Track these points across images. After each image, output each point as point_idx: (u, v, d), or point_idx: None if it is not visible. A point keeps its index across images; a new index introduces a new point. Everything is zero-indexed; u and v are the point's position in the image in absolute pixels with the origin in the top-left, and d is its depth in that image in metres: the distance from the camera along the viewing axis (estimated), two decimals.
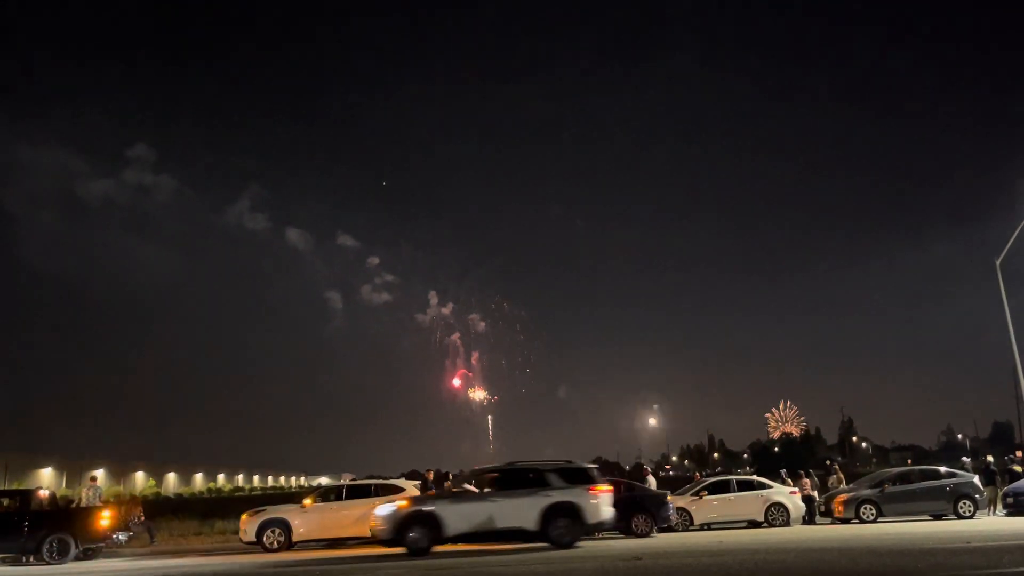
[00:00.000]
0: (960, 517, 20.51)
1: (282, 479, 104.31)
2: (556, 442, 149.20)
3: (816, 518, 22.49)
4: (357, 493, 19.22)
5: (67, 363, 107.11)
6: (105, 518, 17.56)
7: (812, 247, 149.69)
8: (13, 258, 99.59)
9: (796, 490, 21.96)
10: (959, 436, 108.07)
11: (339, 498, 19.08)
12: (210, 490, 74.52)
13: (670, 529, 19.57)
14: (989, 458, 33.31)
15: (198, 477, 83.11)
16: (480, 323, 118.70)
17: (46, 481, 56.27)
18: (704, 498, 21.29)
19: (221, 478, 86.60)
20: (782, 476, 23.77)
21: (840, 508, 21.09)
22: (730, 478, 23.79)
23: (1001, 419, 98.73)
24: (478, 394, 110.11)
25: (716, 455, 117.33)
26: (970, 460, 30.72)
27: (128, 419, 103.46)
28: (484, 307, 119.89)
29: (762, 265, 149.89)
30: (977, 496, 21.01)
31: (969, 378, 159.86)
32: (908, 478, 21.97)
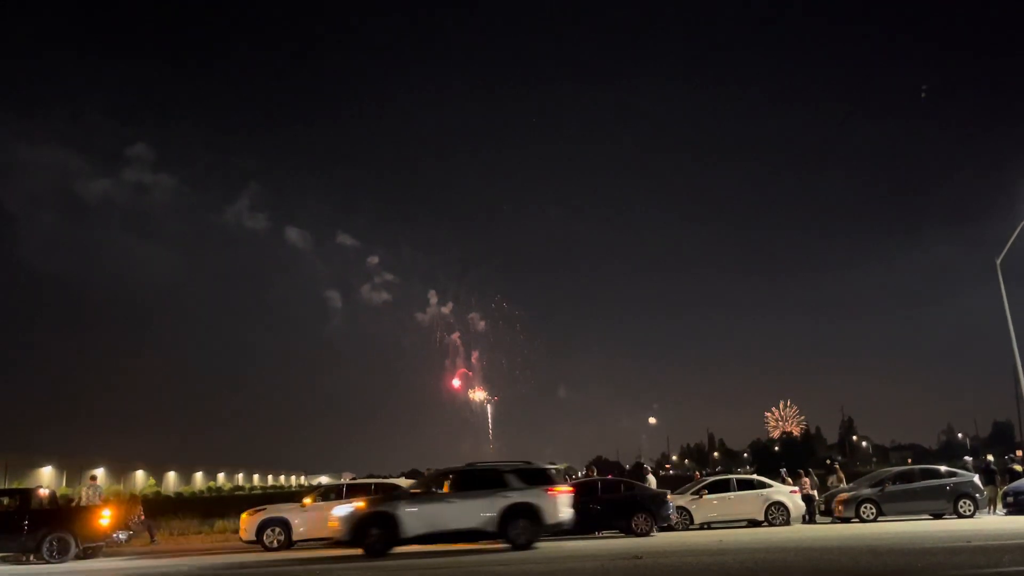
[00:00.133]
0: (960, 516, 20.52)
1: (282, 478, 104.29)
2: (556, 441, 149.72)
3: (816, 517, 22.51)
4: (357, 492, 19.22)
5: (67, 362, 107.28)
6: (105, 517, 17.56)
7: (812, 247, 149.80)
8: (12, 257, 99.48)
9: (796, 489, 21.95)
10: (959, 435, 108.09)
11: (339, 497, 19.10)
12: (210, 489, 74.48)
13: (670, 528, 19.56)
14: (989, 457, 33.36)
15: (198, 476, 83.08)
16: (480, 322, 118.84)
17: (46, 480, 56.20)
18: (704, 497, 21.29)
19: (221, 477, 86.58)
20: (782, 475, 23.78)
21: (840, 507, 21.11)
22: (730, 477, 23.81)
23: (1001, 418, 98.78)
24: (478, 394, 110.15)
25: (716, 454, 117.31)
26: (972, 459, 30.70)
27: (128, 418, 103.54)
28: (484, 307, 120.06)
29: (762, 265, 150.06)
30: (977, 495, 21.02)
31: (969, 377, 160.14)
32: (908, 477, 21.96)
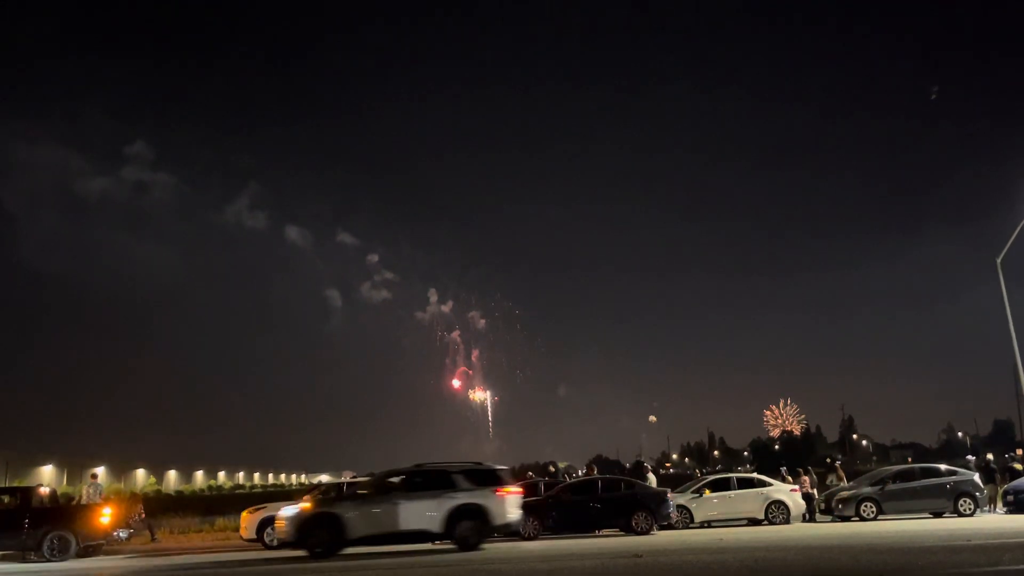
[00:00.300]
0: (960, 515, 20.52)
1: (283, 477, 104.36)
2: (556, 440, 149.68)
3: (816, 516, 22.52)
4: None
5: (67, 361, 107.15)
6: (106, 515, 17.59)
7: (812, 246, 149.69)
8: (12, 256, 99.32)
9: (797, 488, 21.97)
10: (960, 434, 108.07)
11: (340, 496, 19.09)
12: (210, 487, 74.55)
13: (670, 527, 19.57)
14: (989, 456, 33.41)
15: (199, 475, 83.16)
16: (480, 321, 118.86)
17: (47, 479, 56.20)
18: (704, 496, 21.28)
19: (222, 475, 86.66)
20: (782, 474, 23.79)
21: (840, 506, 21.12)
22: (730, 476, 23.82)
23: (1002, 417, 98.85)
24: (478, 394, 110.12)
25: (716, 453, 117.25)
26: (975, 459, 30.72)
27: (129, 417, 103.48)
28: (484, 305, 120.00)
29: (763, 264, 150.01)
30: (977, 494, 21.02)
31: (970, 376, 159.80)
32: (908, 476, 21.95)
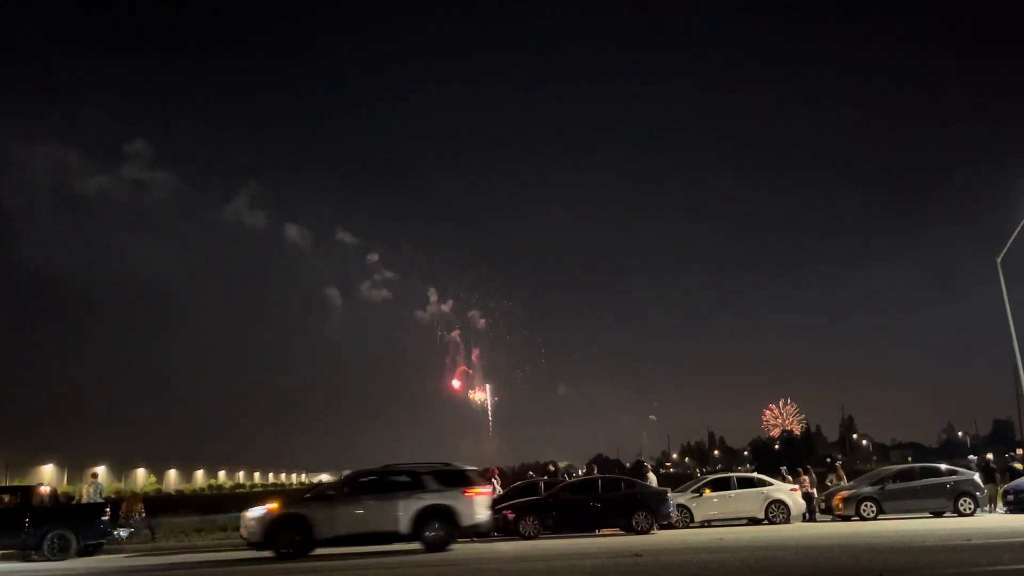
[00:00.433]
0: (961, 515, 20.51)
1: (283, 476, 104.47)
2: (556, 439, 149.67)
3: (816, 515, 22.53)
4: None
5: (67, 359, 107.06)
6: (106, 514, 17.61)
7: (813, 246, 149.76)
8: (11, 255, 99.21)
9: (797, 487, 21.97)
10: (960, 434, 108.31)
11: None
12: (211, 487, 74.69)
13: (670, 526, 19.56)
14: (989, 456, 33.44)
15: (199, 474, 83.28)
16: (480, 320, 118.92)
17: (47, 478, 56.29)
18: (705, 495, 21.28)
19: (222, 475, 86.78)
20: (782, 473, 23.79)
21: (841, 505, 21.11)
22: (731, 475, 23.79)
23: (1002, 417, 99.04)
24: (478, 395, 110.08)
25: (716, 452, 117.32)
26: (977, 458, 30.71)
27: (129, 416, 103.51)
28: (484, 304, 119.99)
29: (763, 264, 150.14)
30: (978, 494, 21.01)
31: (970, 376, 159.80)
32: (908, 476, 21.93)
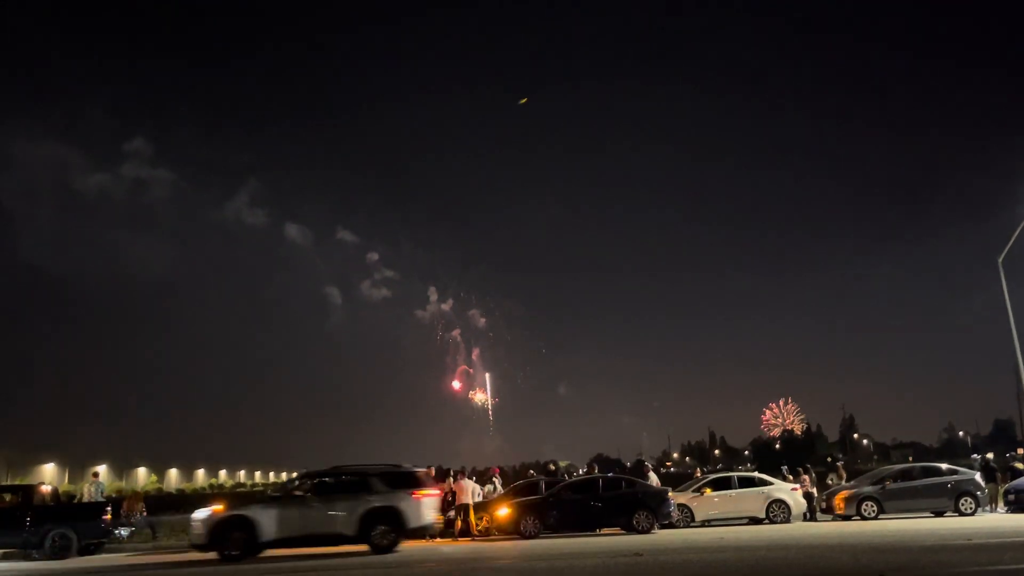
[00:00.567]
0: (961, 514, 20.49)
1: (284, 475, 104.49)
2: (557, 438, 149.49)
3: (816, 515, 22.52)
4: None
5: (67, 358, 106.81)
6: (107, 513, 17.63)
7: (815, 246, 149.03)
8: (10, 253, 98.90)
9: (798, 487, 21.97)
10: (960, 434, 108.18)
11: None
12: (212, 486, 74.66)
13: (671, 526, 19.56)
14: (989, 455, 33.43)
15: (200, 473, 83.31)
16: (480, 319, 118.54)
17: (48, 477, 56.28)
18: (705, 495, 21.27)
19: (223, 474, 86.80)
20: (783, 473, 23.79)
21: (841, 505, 21.09)
22: (731, 475, 23.79)
23: (1003, 416, 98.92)
24: (479, 396, 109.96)
25: (717, 452, 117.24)
26: (980, 457, 30.64)
27: (130, 415, 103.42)
28: (484, 304, 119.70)
29: (764, 264, 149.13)
30: (978, 493, 20.97)
31: (971, 376, 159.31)
32: (909, 475, 21.90)
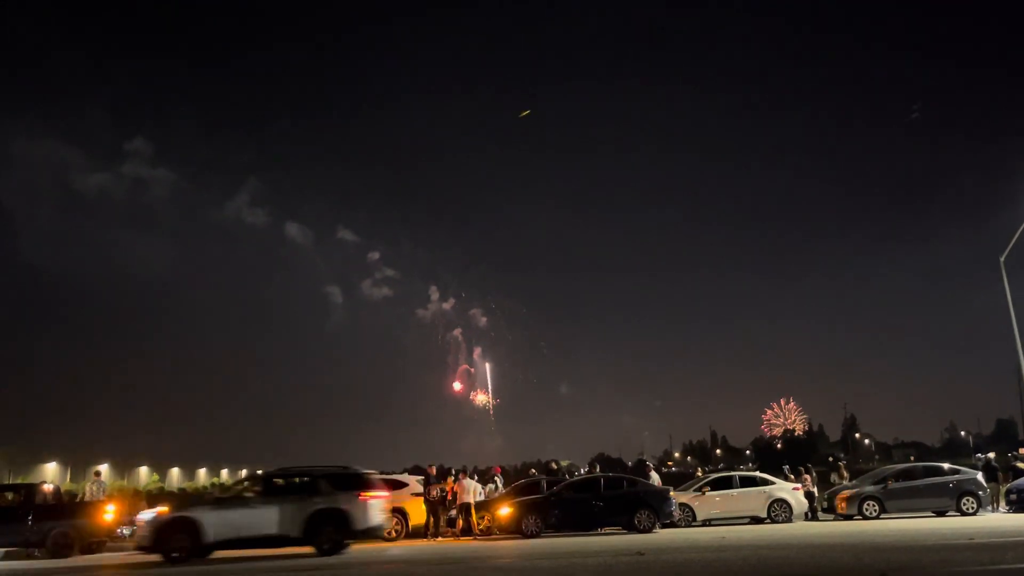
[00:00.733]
0: (963, 514, 20.48)
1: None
2: (558, 438, 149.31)
3: (818, 514, 22.52)
4: None
5: (69, 357, 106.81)
6: (109, 512, 17.65)
7: (816, 246, 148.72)
8: (10, 252, 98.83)
9: (799, 486, 21.98)
10: (962, 433, 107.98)
11: None
12: (213, 485, 74.74)
13: (672, 525, 19.57)
14: (991, 455, 33.36)
15: (201, 472, 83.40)
16: (482, 319, 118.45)
17: (50, 476, 56.37)
18: (707, 494, 21.28)
19: (224, 473, 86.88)
20: (785, 472, 23.79)
21: (843, 504, 21.09)
22: (733, 474, 23.82)
23: (1004, 416, 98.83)
24: (480, 397, 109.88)
25: (719, 451, 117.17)
26: (982, 457, 30.48)
27: (131, 414, 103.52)
28: (485, 303, 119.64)
29: (766, 264, 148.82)
30: (980, 493, 20.97)
31: (972, 375, 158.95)
32: (911, 475, 21.89)
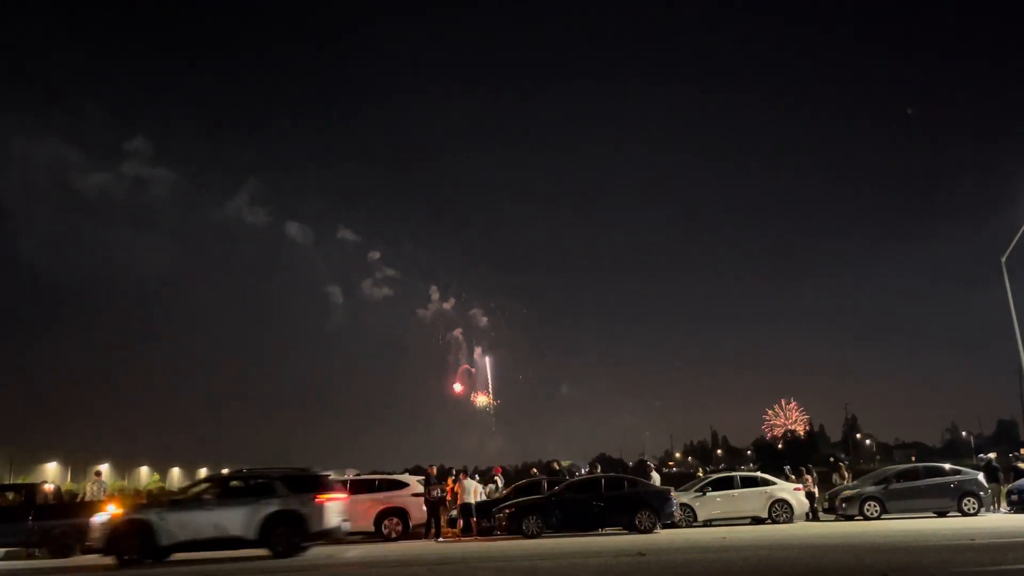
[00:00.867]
0: (964, 514, 20.45)
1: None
2: (559, 438, 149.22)
3: (819, 515, 22.50)
4: (361, 488, 19.37)
5: (69, 357, 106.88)
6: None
7: (817, 247, 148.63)
8: (9, 251, 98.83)
9: (800, 487, 21.95)
10: (963, 434, 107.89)
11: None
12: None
13: (673, 525, 19.53)
14: (991, 455, 33.36)
15: (202, 472, 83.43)
16: (482, 319, 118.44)
17: (51, 475, 56.39)
18: (708, 494, 21.25)
19: (225, 473, 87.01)
20: (786, 473, 23.77)
21: (844, 505, 21.06)
22: (734, 474, 23.76)
23: (1005, 417, 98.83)
24: (480, 399, 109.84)
25: (719, 452, 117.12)
26: (986, 456, 30.50)
27: (131, 414, 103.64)
28: (486, 303, 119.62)
29: (766, 265, 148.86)
30: (981, 493, 20.95)
31: (974, 376, 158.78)
32: (912, 475, 21.85)
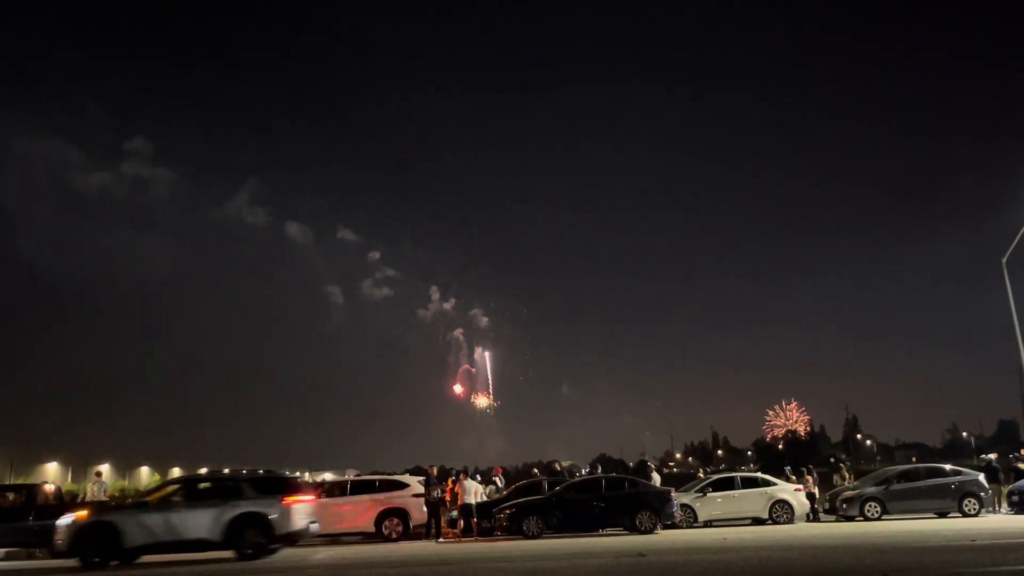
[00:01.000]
0: (965, 515, 20.44)
1: (286, 474, 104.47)
2: (560, 438, 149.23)
3: (820, 515, 22.49)
4: (361, 489, 19.41)
5: (70, 357, 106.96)
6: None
7: (817, 248, 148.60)
8: (9, 251, 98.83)
9: (801, 487, 21.94)
10: (964, 434, 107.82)
11: (343, 494, 19.28)
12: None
13: (674, 526, 19.52)
14: (992, 456, 33.27)
15: (203, 472, 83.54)
16: (482, 319, 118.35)
17: (51, 476, 56.35)
18: (708, 495, 21.25)
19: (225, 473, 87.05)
20: (787, 473, 23.75)
21: (845, 505, 21.06)
22: (734, 475, 23.76)
23: (1006, 417, 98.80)
24: (480, 400, 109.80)
25: (720, 452, 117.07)
26: (987, 457, 30.35)
27: (132, 414, 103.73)
28: (486, 303, 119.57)
29: (767, 265, 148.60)
30: (982, 494, 20.94)
31: (974, 376, 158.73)
32: (913, 476, 21.84)
